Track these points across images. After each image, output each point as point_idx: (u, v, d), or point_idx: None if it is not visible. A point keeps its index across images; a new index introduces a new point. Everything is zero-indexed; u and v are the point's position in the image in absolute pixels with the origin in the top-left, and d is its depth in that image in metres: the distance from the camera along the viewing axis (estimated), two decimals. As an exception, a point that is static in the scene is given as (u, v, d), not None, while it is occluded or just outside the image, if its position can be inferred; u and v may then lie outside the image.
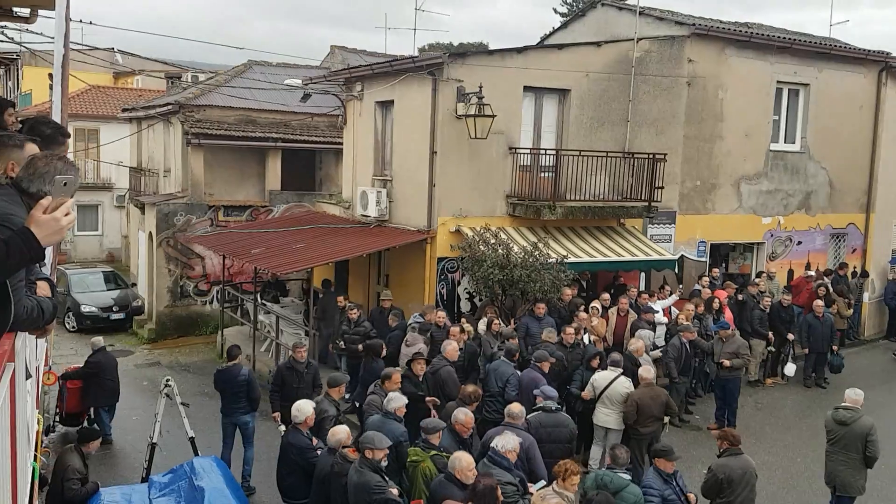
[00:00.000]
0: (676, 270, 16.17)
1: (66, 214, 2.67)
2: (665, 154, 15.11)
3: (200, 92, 22.01)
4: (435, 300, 14.15)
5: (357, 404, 11.14)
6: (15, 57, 15.68)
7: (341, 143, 18.50)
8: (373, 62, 17.48)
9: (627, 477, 7.60)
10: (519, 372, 10.54)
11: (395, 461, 7.72)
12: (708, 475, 8.11)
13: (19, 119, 5.76)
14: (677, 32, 16.34)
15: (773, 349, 15.16)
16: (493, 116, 13.46)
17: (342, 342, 12.88)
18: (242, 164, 21.78)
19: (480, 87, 13.40)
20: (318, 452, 7.93)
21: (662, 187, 15.12)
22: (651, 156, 14.88)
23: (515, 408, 8.49)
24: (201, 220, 21.14)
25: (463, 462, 6.76)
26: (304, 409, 8.26)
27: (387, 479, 7.08)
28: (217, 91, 21.92)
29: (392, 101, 15.39)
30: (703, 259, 17.18)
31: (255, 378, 11.34)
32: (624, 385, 10.36)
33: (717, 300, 14.44)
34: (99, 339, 12.92)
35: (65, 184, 2.74)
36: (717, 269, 16.74)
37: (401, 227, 14.97)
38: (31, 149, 3.59)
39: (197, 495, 7.40)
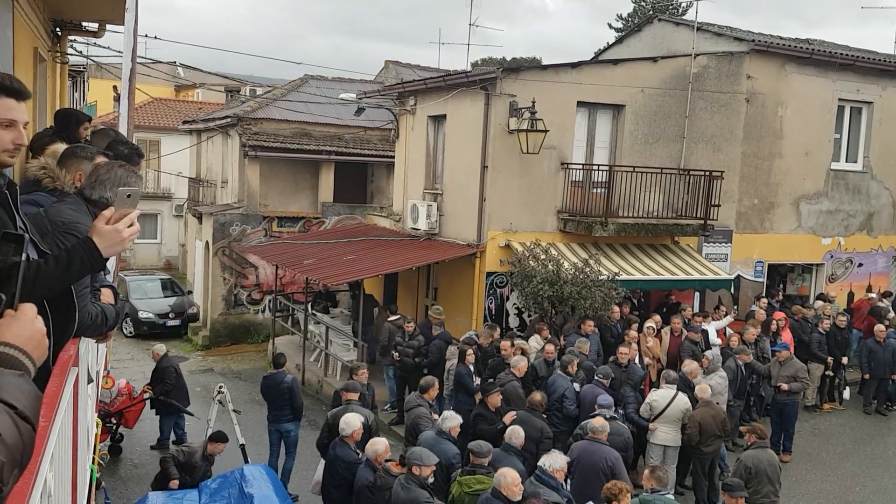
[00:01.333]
0: (732, 291, 15.81)
1: (130, 226, 2.70)
2: (722, 171, 14.84)
3: (258, 105, 22.48)
4: (483, 315, 14.11)
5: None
6: (82, 69, 16.23)
7: (393, 157, 18.67)
8: (426, 77, 17.61)
9: (672, 497, 7.45)
10: (577, 386, 10.51)
11: (445, 482, 7.64)
12: (736, 465, 8.55)
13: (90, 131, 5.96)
14: (736, 48, 16.06)
15: (831, 373, 14.68)
16: (546, 131, 13.41)
17: (396, 354, 12.88)
18: (297, 176, 22.14)
19: (533, 102, 13.38)
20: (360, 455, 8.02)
21: (719, 205, 14.84)
22: (707, 173, 14.63)
23: (597, 422, 8.43)
24: (256, 231, 21.54)
25: (508, 478, 6.66)
26: (352, 422, 8.26)
27: (434, 496, 7.03)
28: (274, 104, 22.36)
29: (444, 116, 15.48)
30: (761, 280, 16.76)
31: (299, 386, 11.44)
32: (684, 402, 10.19)
33: (775, 321, 14.08)
34: (162, 346, 13.27)
35: (128, 195, 2.74)
36: (780, 293, 16.40)
37: (450, 240, 14.99)
38: (101, 161, 3.69)
39: (246, 502, 7.50)
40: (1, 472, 1.24)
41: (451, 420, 8.37)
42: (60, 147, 3.90)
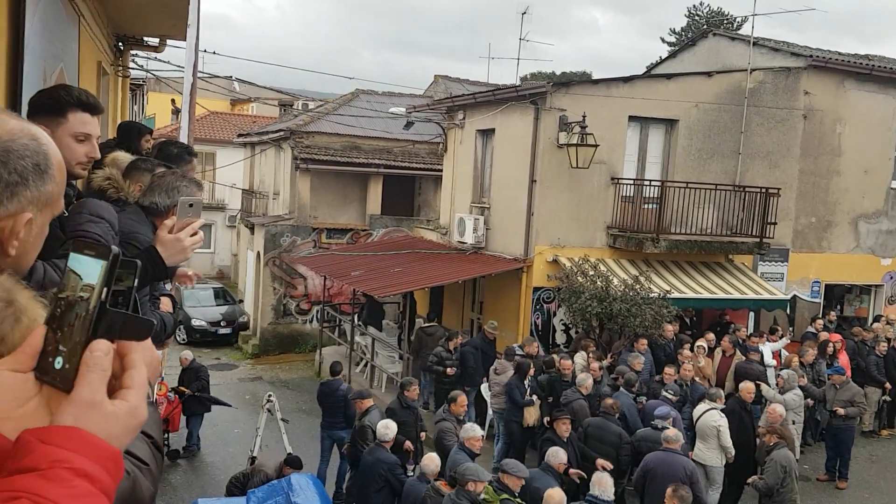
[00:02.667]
0: (788, 311, 15.40)
1: (193, 235, 2.74)
2: (778, 188, 14.51)
3: (310, 119, 22.84)
4: (529, 330, 14.01)
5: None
6: (141, 83, 16.69)
7: (441, 170, 18.74)
8: (475, 91, 17.66)
9: None
10: (642, 400, 10.49)
11: None
12: (770, 466, 8.54)
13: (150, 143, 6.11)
14: (793, 64, 15.73)
15: (890, 398, 14.15)
16: (596, 146, 13.30)
17: (443, 368, 12.79)
18: (346, 188, 22.40)
19: (584, 117, 13.29)
20: (409, 468, 8.03)
21: (775, 223, 14.50)
22: (763, 190, 14.32)
23: (671, 433, 8.40)
24: (305, 242, 21.82)
25: (555, 499, 6.60)
26: (392, 427, 8.45)
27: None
28: (325, 118, 22.70)
29: (493, 130, 15.48)
30: (817, 300, 16.30)
31: None
32: (714, 418, 9.91)
33: (831, 344, 13.66)
34: (189, 353, 13.53)
35: (190, 205, 2.78)
36: (833, 313, 15.90)
37: (497, 254, 14.95)
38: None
39: (292, 511, 7.54)
40: (151, 502, 1.25)
41: (469, 432, 8.34)
42: (123, 158, 3.99)
